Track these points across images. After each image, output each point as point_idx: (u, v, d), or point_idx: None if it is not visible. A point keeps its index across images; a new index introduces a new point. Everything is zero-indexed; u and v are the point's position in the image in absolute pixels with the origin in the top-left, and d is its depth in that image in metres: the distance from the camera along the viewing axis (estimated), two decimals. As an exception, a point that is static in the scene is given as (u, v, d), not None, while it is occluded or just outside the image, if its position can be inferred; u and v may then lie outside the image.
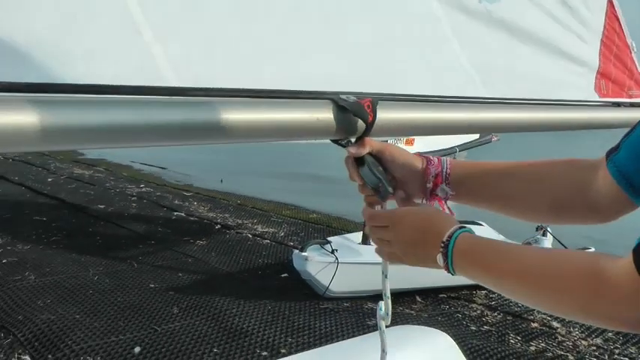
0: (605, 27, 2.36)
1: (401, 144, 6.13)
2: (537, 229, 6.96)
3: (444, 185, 1.38)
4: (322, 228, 8.60)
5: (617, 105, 2.30)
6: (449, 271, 1.17)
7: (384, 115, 1.33)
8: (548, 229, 6.93)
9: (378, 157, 1.36)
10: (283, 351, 4.70)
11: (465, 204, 1.41)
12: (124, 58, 1.08)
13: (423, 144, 6.51)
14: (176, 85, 1.11)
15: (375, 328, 1.52)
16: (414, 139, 6.35)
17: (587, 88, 2.26)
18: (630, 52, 2.48)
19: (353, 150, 1.34)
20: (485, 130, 1.86)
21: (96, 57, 1.05)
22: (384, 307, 1.43)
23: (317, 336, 5.00)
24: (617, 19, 2.41)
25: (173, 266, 6.56)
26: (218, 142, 1.15)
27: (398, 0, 1.66)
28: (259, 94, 1.22)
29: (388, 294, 1.42)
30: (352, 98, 1.28)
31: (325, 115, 1.25)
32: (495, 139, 7.96)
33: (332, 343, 4.79)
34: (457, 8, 1.78)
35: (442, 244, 1.17)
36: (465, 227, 1.18)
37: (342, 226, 8.60)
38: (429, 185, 1.37)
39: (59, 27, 1.01)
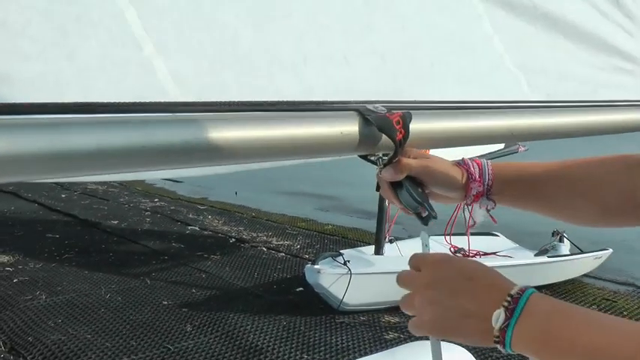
0: None
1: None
2: (553, 235, 6.83)
3: (486, 198, 1.26)
4: (338, 239, 8.50)
5: None
6: (504, 344, 0.89)
7: (418, 126, 1.15)
8: (565, 234, 6.79)
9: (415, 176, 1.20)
10: (299, 369, 4.59)
11: (509, 207, 1.29)
12: (122, 74, 0.94)
13: (439, 154, 6.36)
14: (179, 100, 0.96)
15: (392, 342, 1.36)
16: (429, 150, 6.19)
17: (636, 86, 2.11)
18: None
19: (388, 175, 1.18)
20: (533, 137, 1.68)
21: (90, 75, 0.91)
22: None
23: (333, 352, 4.88)
24: None
25: (186, 282, 6.47)
26: (226, 163, 0.99)
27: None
28: (274, 107, 1.04)
29: None
30: (381, 108, 1.10)
31: (350, 128, 1.07)
32: (523, 149, 7.73)
33: (349, 359, 4.67)
34: (499, 3, 1.62)
35: (508, 298, 0.88)
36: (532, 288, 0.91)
37: (358, 237, 8.49)
38: (470, 201, 1.26)
39: (50, 43, 0.88)
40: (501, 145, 7.22)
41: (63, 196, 11.08)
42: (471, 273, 0.96)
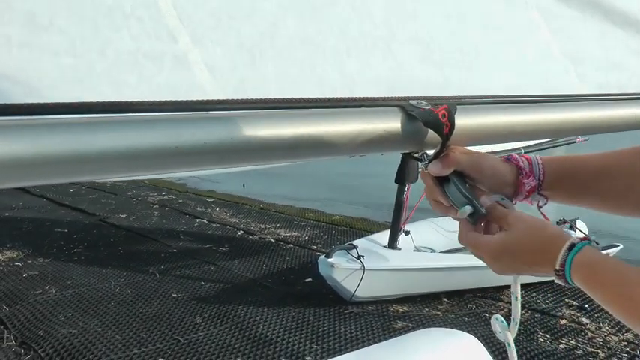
0: None
1: None
2: (558, 223, 6.67)
3: (537, 194, 1.23)
4: (346, 230, 8.49)
5: None
6: (565, 279, 1.06)
7: (464, 121, 1.13)
8: (577, 221, 6.65)
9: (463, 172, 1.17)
10: (308, 358, 4.60)
11: (560, 203, 1.28)
12: (157, 70, 0.90)
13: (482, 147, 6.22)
14: (215, 98, 0.92)
15: (401, 331, 1.36)
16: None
17: None
18: None
19: (435, 170, 1.14)
20: (584, 132, 1.60)
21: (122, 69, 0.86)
22: (512, 331, 1.24)
23: (343, 341, 4.89)
24: None
25: (195, 275, 6.49)
26: (263, 163, 0.97)
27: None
28: (313, 104, 1.01)
29: (518, 318, 1.22)
30: (424, 104, 1.08)
31: (393, 125, 1.05)
32: (581, 139, 7.27)
33: (357, 348, 4.68)
34: None
35: (557, 268, 1.06)
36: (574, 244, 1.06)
37: (366, 227, 8.48)
38: (521, 197, 1.23)
39: (78, 38, 0.83)
40: None
41: (71, 190, 11.10)
42: (522, 260, 1.10)
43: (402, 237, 5.99)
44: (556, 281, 1.07)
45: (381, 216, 8.92)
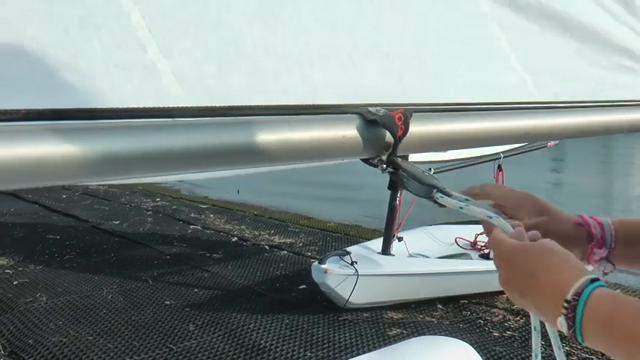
0: None
1: None
2: None
3: (606, 261, 1.18)
4: (340, 236, 8.45)
5: None
6: (576, 339, 0.89)
7: (418, 128, 1.17)
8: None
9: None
10: (302, 367, 4.55)
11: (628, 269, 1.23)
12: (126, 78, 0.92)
13: (459, 151, 6.27)
14: (182, 105, 0.95)
15: (395, 338, 1.33)
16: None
17: None
18: None
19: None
20: (533, 138, 1.65)
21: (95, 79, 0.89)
22: None
23: (337, 349, 4.84)
24: None
25: (189, 282, 6.43)
26: (225, 168, 1.01)
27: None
28: (275, 111, 1.05)
29: (539, 352, 1.13)
30: (382, 111, 1.13)
31: (351, 131, 1.09)
32: (552, 143, 7.39)
33: (352, 356, 4.63)
34: (506, 3, 1.58)
35: (566, 304, 0.88)
36: (599, 280, 0.90)
37: (360, 234, 8.44)
38: (590, 264, 1.18)
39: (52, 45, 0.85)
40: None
41: (64, 196, 11.05)
42: (533, 269, 0.95)
43: (395, 244, 5.95)
44: (559, 327, 0.90)
45: (374, 223, 8.89)
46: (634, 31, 1.97)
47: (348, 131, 1.09)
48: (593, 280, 0.88)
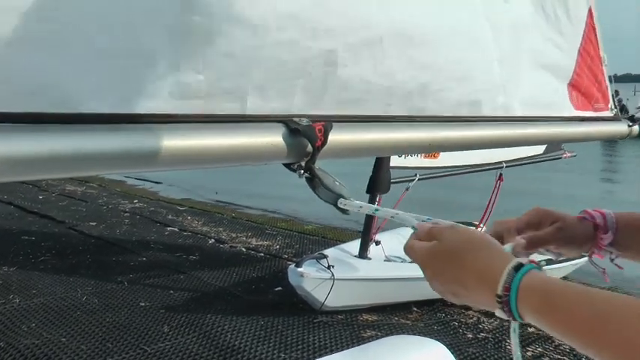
0: (583, 37, 2.25)
1: (420, 156, 5.90)
2: None
3: (613, 248, 1.26)
4: (317, 239, 8.44)
5: (582, 120, 2.26)
6: (510, 309, 0.90)
7: (337, 137, 1.31)
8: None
9: None
10: (275, 368, 4.55)
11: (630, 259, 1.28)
12: None
13: (452, 159, 6.28)
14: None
15: (369, 340, 1.35)
16: (439, 153, 5.99)
17: (562, 101, 2.20)
18: (601, 65, 2.38)
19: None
20: (452, 148, 1.88)
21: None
22: None
23: (311, 350, 4.85)
24: (594, 30, 2.30)
25: (164, 283, 6.41)
26: (158, 170, 1.11)
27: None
28: (211, 119, 1.18)
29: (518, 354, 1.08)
30: (305, 121, 1.27)
31: (277, 138, 1.23)
32: (568, 155, 7.24)
33: (324, 356, 4.64)
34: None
35: (498, 299, 0.90)
36: (522, 264, 0.91)
37: (337, 237, 8.43)
38: (597, 252, 1.26)
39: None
40: (540, 150, 6.89)
41: (40, 197, 10.96)
42: (453, 269, 0.98)
43: (372, 247, 5.96)
44: (498, 314, 0.91)
45: (352, 224, 8.89)
46: (556, 46, 2.20)
47: (274, 138, 1.22)
48: (516, 268, 0.90)
